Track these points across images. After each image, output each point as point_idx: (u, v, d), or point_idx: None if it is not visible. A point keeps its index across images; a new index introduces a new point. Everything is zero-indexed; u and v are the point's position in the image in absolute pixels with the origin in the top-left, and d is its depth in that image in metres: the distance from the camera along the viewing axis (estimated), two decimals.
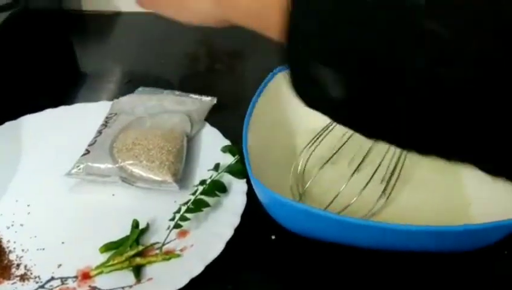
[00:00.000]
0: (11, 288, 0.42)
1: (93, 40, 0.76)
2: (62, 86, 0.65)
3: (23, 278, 0.43)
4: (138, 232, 0.45)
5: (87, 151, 0.51)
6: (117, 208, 0.48)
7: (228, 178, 0.49)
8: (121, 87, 0.64)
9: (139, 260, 0.43)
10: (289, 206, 0.41)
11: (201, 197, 0.47)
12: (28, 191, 0.50)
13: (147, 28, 0.76)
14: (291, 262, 0.45)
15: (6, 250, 0.45)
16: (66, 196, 0.50)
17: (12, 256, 0.45)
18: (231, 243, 0.43)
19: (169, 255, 0.44)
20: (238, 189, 0.47)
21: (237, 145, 0.49)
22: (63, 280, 0.43)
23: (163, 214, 0.47)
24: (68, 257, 0.44)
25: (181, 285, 0.40)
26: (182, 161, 0.51)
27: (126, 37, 0.76)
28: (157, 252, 0.44)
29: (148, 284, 0.42)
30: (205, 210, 0.46)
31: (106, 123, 0.54)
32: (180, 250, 0.44)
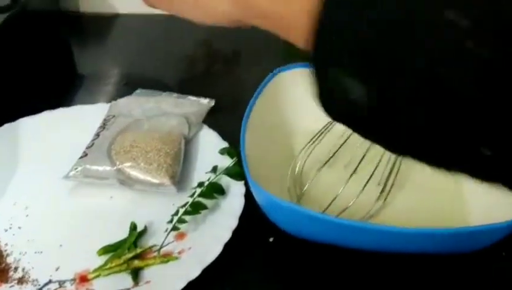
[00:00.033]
0: None
1: (91, 42, 0.76)
2: (60, 88, 0.65)
3: (21, 281, 0.43)
4: (136, 234, 0.45)
5: (85, 153, 0.51)
6: (115, 211, 0.48)
7: (226, 180, 0.49)
8: (119, 89, 0.64)
9: (137, 263, 0.43)
10: (287, 208, 0.41)
11: (199, 199, 0.47)
12: (26, 193, 0.50)
13: (145, 30, 0.76)
14: (289, 264, 0.45)
15: (4, 253, 0.45)
16: (64, 199, 0.50)
17: (10, 259, 0.45)
18: (229, 246, 0.43)
19: (167, 257, 0.43)
20: (236, 191, 0.47)
21: (235, 147, 0.49)
22: (61, 283, 0.42)
23: (161, 217, 0.47)
24: (66, 260, 0.44)
25: (179, 288, 0.40)
26: (180, 164, 0.51)
27: (124, 39, 0.76)
28: (155, 254, 0.44)
29: (146, 287, 0.42)
30: (203, 212, 0.46)
31: (104, 125, 0.54)
32: (178, 253, 0.44)
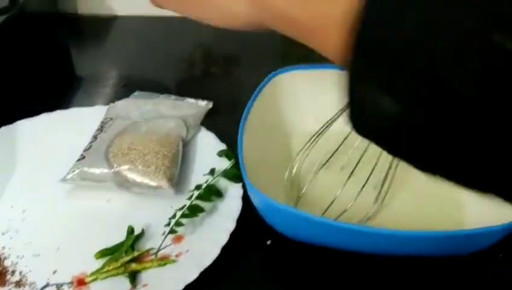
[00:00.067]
0: None
1: (89, 44, 0.76)
2: (58, 90, 0.65)
3: (18, 284, 0.43)
4: (133, 237, 0.45)
5: (82, 156, 0.51)
6: (112, 214, 0.48)
7: (224, 182, 0.49)
8: (117, 91, 0.64)
9: (135, 266, 0.43)
10: (284, 211, 0.41)
11: (196, 202, 0.47)
12: (23, 196, 0.50)
13: (143, 32, 0.76)
14: (287, 267, 0.45)
15: (1, 256, 0.45)
16: (62, 202, 0.49)
17: (7, 262, 0.44)
18: (226, 248, 0.43)
19: (164, 261, 0.43)
20: (234, 193, 0.47)
21: (233, 149, 0.49)
22: (58, 286, 0.42)
23: (158, 220, 0.47)
24: (63, 263, 0.44)
25: None
26: (178, 166, 0.51)
27: (122, 41, 0.76)
28: (152, 257, 0.44)
29: None
30: (201, 215, 0.46)
31: (102, 128, 0.54)
32: (175, 256, 0.44)
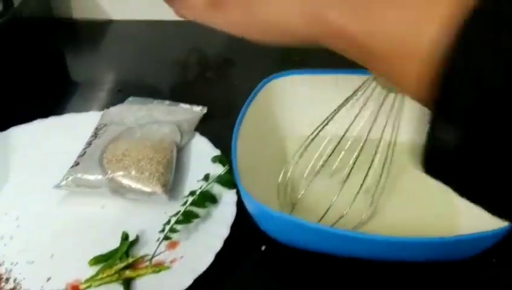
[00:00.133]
0: None
1: (84, 49, 0.76)
2: (53, 95, 0.65)
3: None
4: (128, 244, 0.45)
5: (76, 162, 0.51)
6: (107, 220, 0.48)
7: (218, 188, 0.49)
8: (112, 96, 0.64)
9: (129, 273, 0.43)
10: (278, 218, 0.41)
11: (191, 208, 0.46)
12: (17, 203, 0.50)
13: (138, 36, 0.76)
14: (281, 273, 0.45)
15: None
16: (56, 209, 0.49)
17: (1, 269, 0.44)
18: (221, 255, 0.43)
19: (159, 267, 0.43)
20: (228, 199, 0.47)
21: (228, 154, 0.49)
22: None
23: (153, 226, 0.47)
24: (57, 270, 0.44)
25: None
26: (172, 172, 0.50)
27: (117, 45, 0.76)
28: (147, 264, 0.44)
29: None
30: (195, 221, 0.46)
31: (96, 134, 0.54)
32: (169, 262, 0.44)
